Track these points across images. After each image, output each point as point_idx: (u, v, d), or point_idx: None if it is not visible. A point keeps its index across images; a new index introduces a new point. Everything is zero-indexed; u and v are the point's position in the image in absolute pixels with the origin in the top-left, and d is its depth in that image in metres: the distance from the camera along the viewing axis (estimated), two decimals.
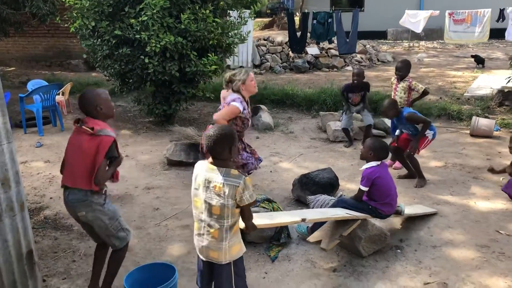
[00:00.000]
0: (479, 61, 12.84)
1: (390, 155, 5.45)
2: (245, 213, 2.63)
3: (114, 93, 8.91)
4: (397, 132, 5.48)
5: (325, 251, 3.62)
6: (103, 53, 7.04)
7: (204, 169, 2.62)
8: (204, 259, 2.70)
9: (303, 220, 3.34)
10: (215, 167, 2.57)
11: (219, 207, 2.52)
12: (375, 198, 3.71)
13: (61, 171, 3.11)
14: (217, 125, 2.79)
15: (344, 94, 6.83)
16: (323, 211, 3.72)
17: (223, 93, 4.88)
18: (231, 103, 4.23)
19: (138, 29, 6.55)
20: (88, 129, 2.88)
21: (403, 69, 5.99)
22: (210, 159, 2.63)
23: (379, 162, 3.76)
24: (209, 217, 2.57)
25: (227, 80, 4.42)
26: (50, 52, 14.41)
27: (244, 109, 4.28)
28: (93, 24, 6.82)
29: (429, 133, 5.19)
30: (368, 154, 3.76)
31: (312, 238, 3.64)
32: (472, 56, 13.19)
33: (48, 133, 7.58)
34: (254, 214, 2.78)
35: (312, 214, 3.52)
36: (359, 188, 3.74)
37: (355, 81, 6.61)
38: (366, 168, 3.74)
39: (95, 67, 7.90)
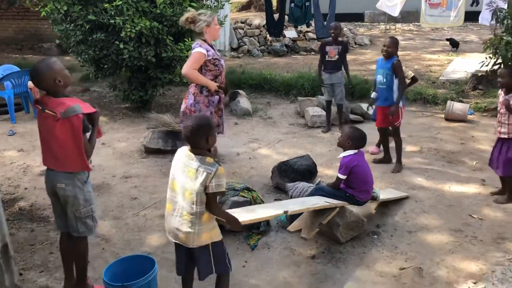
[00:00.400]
0: (454, 44, 13.01)
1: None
2: (210, 202, 2.61)
3: (89, 78, 8.75)
4: (372, 94, 5.48)
5: (304, 239, 3.67)
6: (76, 39, 6.86)
7: (183, 154, 2.70)
8: (173, 239, 2.76)
9: (285, 212, 3.37)
10: (192, 154, 2.65)
11: (190, 192, 2.58)
12: (353, 186, 3.76)
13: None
14: (194, 116, 2.80)
15: (322, 50, 6.66)
16: (303, 201, 3.75)
17: None
18: (193, 50, 4.08)
19: (113, 13, 6.39)
20: (52, 114, 2.73)
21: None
22: (189, 147, 2.70)
23: (356, 150, 3.80)
24: (183, 200, 2.64)
25: (190, 20, 4.15)
26: (21, 35, 13.98)
27: (208, 50, 4.11)
28: (65, 8, 6.61)
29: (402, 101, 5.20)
30: (346, 143, 3.79)
31: (292, 227, 3.68)
32: (447, 40, 13.35)
33: (20, 120, 7.40)
34: (237, 209, 2.80)
35: (293, 205, 3.55)
36: (337, 176, 3.78)
37: (332, 34, 6.56)
38: (344, 156, 3.78)
39: (68, 52, 7.71)
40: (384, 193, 4.35)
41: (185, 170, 2.63)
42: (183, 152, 2.71)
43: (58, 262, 3.55)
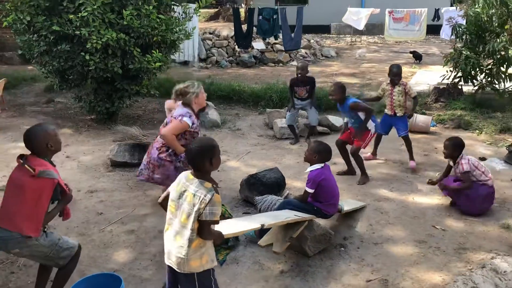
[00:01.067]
0: (417, 57, 13.44)
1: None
2: (202, 228, 2.58)
3: (53, 89, 8.55)
4: (345, 119, 5.63)
5: (273, 253, 3.67)
6: (40, 49, 6.72)
7: (184, 178, 2.69)
8: (167, 262, 2.75)
9: (262, 226, 3.39)
10: (193, 178, 2.64)
11: (186, 216, 2.58)
12: (320, 199, 3.82)
13: None
14: (198, 139, 2.86)
15: (290, 88, 6.89)
16: (275, 215, 3.77)
17: (169, 103, 4.76)
18: (180, 118, 4.16)
19: (78, 24, 6.30)
20: (30, 169, 2.77)
21: (399, 74, 5.88)
22: (192, 171, 2.70)
23: (322, 164, 3.86)
24: (178, 224, 2.63)
25: (179, 93, 4.33)
26: None
27: (193, 123, 4.24)
28: (28, 18, 6.46)
29: (371, 126, 5.37)
30: (313, 157, 3.86)
31: (263, 242, 3.68)
32: (411, 52, 13.78)
33: None
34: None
35: (267, 219, 3.57)
36: (305, 190, 3.83)
37: (299, 75, 6.72)
38: (311, 170, 3.83)
39: (32, 63, 7.53)
40: (345, 204, 4.43)
41: (184, 194, 2.62)
42: (185, 175, 2.70)
43: (19, 282, 3.45)
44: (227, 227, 3.27)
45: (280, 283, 3.46)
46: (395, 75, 5.80)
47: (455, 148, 4.57)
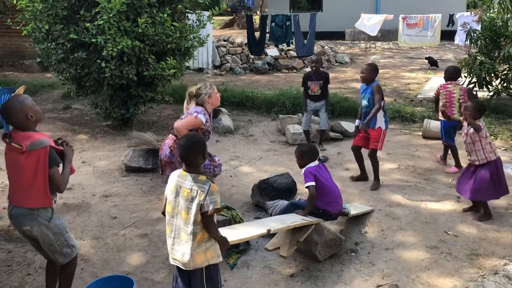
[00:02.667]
0: (433, 63, 13.34)
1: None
2: (207, 221, 2.65)
3: (70, 96, 8.73)
4: (356, 122, 5.61)
5: (283, 257, 3.71)
6: (57, 57, 6.88)
7: (176, 176, 2.78)
8: (172, 262, 2.81)
9: (268, 231, 3.44)
10: (186, 174, 2.73)
11: (186, 212, 2.65)
12: (319, 197, 3.90)
13: None
14: (187, 135, 2.96)
15: (304, 84, 6.85)
16: (282, 219, 3.80)
17: (186, 104, 4.89)
18: (196, 114, 4.31)
19: (94, 32, 6.44)
20: (18, 146, 2.74)
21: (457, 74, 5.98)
22: (184, 167, 2.79)
23: (316, 163, 4.02)
24: (179, 221, 2.71)
25: (193, 94, 4.49)
26: (1, 52, 13.86)
27: (206, 121, 4.37)
28: (46, 27, 6.64)
29: (382, 123, 5.29)
30: (302, 161, 4.04)
31: (270, 245, 3.72)
32: (426, 58, 13.70)
33: None
34: (220, 229, 2.85)
35: (273, 223, 3.61)
36: (306, 187, 3.92)
37: (313, 68, 6.75)
38: (305, 168, 4.00)
39: (50, 70, 7.71)
40: (352, 208, 4.45)
41: (179, 191, 2.70)
42: (176, 174, 2.78)
43: (35, 284, 3.52)
44: (234, 233, 3.31)
45: (290, 287, 3.48)
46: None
47: (477, 111, 4.44)
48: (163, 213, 2.87)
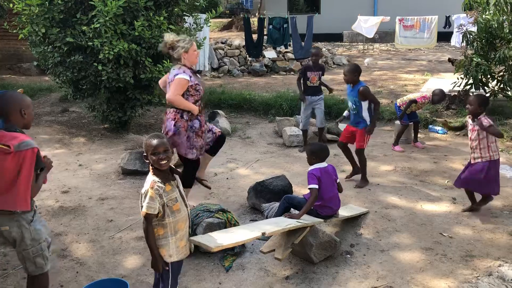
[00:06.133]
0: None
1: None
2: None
3: (67, 99, 8.73)
4: (345, 113, 5.70)
5: (278, 260, 3.71)
6: (54, 60, 6.89)
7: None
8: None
9: (263, 234, 3.44)
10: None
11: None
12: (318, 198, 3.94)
13: None
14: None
15: (303, 74, 6.83)
16: (277, 221, 3.81)
17: (160, 81, 4.77)
18: (176, 76, 4.18)
19: (91, 36, 6.45)
20: (4, 147, 2.64)
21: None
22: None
23: (325, 164, 4.06)
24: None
25: (169, 45, 4.28)
26: None
27: (190, 76, 4.24)
28: (43, 30, 6.65)
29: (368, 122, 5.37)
30: (312, 159, 4.10)
31: (266, 248, 3.73)
32: (449, 60, 13.63)
33: None
34: (215, 233, 2.91)
35: (269, 226, 3.61)
36: (309, 188, 3.95)
37: (313, 61, 6.81)
38: (310, 169, 4.04)
39: (47, 74, 7.72)
40: (346, 210, 4.45)
41: None
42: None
43: None
44: (229, 236, 3.32)
45: None
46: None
47: (480, 104, 4.41)
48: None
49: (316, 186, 3.91)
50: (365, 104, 5.30)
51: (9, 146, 2.65)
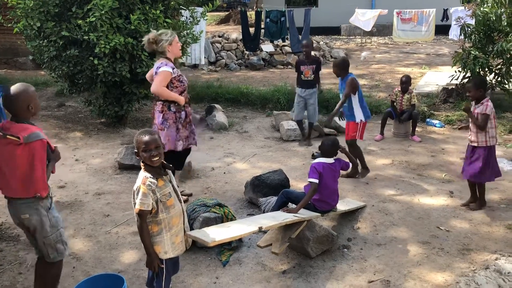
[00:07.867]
0: None
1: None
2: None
3: (64, 94, 8.68)
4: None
5: (275, 254, 3.71)
6: (50, 55, 6.83)
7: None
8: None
9: (260, 228, 3.43)
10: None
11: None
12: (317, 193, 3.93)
13: None
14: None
15: (297, 69, 6.84)
16: (274, 216, 3.80)
17: (148, 75, 4.82)
18: (159, 69, 4.27)
19: (86, 30, 6.39)
20: (15, 138, 2.71)
21: (408, 83, 7.13)
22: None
23: (332, 160, 4.05)
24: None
25: (152, 40, 4.37)
26: None
27: (172, 68, 4.33)
28: (38, 24, 6.59)
29: (359, 114, 5.38)
30: (322, 154, 4.13)
31: (263, 242, 3.72)
32: None
33: None
34: (211, 227, 2.88)
35: (266, 221, 3.60)
36: (309, 182, 3.93)
37: (305, 52, 6.75)
38: (314, 162, 4.00)
39: (42, 68, 7.67)
40: (343, 203, 4.45)
41: None
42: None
43: (27, 283, 3.51)
44: (226, 231, 3.31)
45: (282, 283, 3.49)
46: (404, 83, 7.05)
47: (478, 87, 4.36)
48: None
49: (316, 181, 3.89)
50: (354, 97, 5.30)
51: (19, 138, 2.72)
